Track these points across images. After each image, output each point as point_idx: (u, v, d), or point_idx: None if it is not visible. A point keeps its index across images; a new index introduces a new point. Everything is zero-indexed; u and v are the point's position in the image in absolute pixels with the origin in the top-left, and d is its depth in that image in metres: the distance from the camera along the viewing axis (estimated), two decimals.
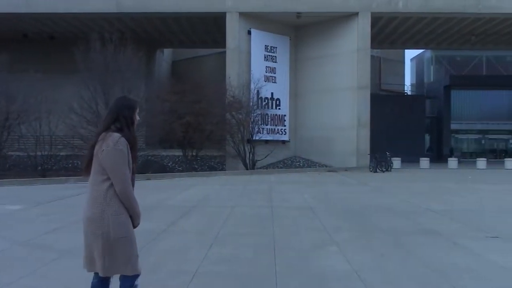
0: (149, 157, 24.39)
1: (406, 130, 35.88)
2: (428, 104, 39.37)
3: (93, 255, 3.39)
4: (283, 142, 28.16)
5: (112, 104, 3.57)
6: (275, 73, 27.77)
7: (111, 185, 3.34)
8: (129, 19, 28.28)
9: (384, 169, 25.17)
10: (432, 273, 5.60)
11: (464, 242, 7.27)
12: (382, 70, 42.16)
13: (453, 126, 38.10)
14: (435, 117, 39.30)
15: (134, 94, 21.39)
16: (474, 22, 29.13)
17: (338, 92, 27.02)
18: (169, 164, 25.51)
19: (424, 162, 28.79)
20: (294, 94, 28.96)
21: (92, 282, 3.56)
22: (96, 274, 3.51)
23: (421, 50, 44.24)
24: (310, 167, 26.65)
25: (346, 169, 25.47)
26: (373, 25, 27.31)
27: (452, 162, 29.01)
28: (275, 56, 27.84)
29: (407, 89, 47.82)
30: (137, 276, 3.46)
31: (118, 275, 3.48)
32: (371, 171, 24.69)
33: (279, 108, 27.81)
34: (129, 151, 3.43)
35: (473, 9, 26.37)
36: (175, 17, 28.26)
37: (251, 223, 9.06)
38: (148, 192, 14.28)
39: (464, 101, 38.72)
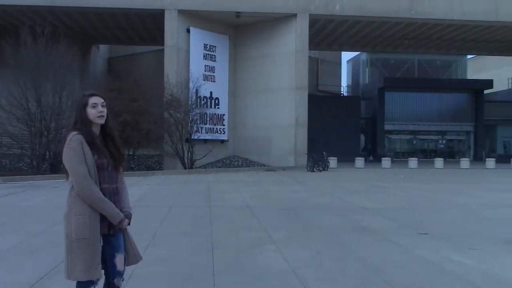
0: None
1: (342, 130, 36.76)
2: (363, 105, 40.49)
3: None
4: (222, 141, 28.12)
5: None
6: (214, 72, 27.68)
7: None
8: (62, 13, 27.30)
9: (321, 169, 25.65)
10: (366, 269, 5.75)
11: (396, 239, 7.51)
12: (319, 71, 42.97)
13: (387, 127, 39.37)
14: (370, 118, 40.47)
15: (68, 91, 20.68)
16: (407, 27, 30.27)
17: (276, 92, 27.31)
18: None
19: (359, 161, 29.59)
20: (233, 93, 28.99)
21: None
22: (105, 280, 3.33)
23: (357, 53, 45.44)
24: (249, 167, 26.76)
25: (284, 169, 25.76)
26: (311, 27, 27.79)
27: (385, 161, 29.98)
28: (214, 55, 27.75)
29: (344, 90, 49.04)
30: (92, 282, 3.18)
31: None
32: (308, 170, 25.09)
33: (218, 108, 27.75)
34: (91, 148, 3.20)
35: (406, 14, 27.39)
36: (111, 13, 27.56)
37: (188, 223, 8.96)
38: None
39: (397, 102, 40.07)
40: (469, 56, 46.65)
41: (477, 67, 50.58)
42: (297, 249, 6.80)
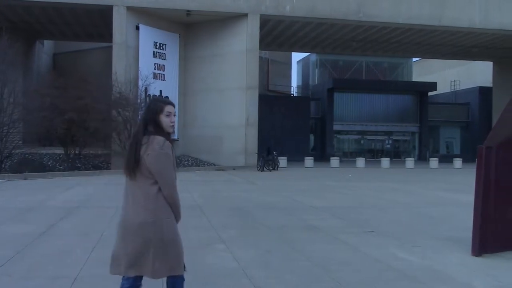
0: (27, 155, 22.86)
1: (292, 130, 37.14)
2: (313, 105, 41.02)
3: (138, 260, 3.31)
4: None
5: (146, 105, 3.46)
6: (164, 71, 27.34)
7: (159, 189, 3.30)
8: (4, 7, 26.24)
9: (271, 168, 25.82)
10: (314, 267, 5.82)
11: (344, 237, 7.65)
12: (270, 72, 43.25)
13: (336, 127, 40.04)
14: (319, 118, 41.05)
15: (10, 87, 19.91)
16: (355, 29, 30.91)
17: (227, 92, 27.28)
18: (49, 163, 24.04)
19: (309, 161, 29.98)
20: (183, 92, 28.72)
21: (123, 284, 3.45)
22: (127, 277, 3.42)
23: (307, 53, 46.01)
24: (199, 166, 26.60)
25: (234, 168, 25.77)
26: (262, 27, 27.92)
27: (334, 161, 30.50)
28: (164, 53, 27.42)
29: (293, 90, 49.53)
30: (183, 277, 3.48)
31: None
32: (259, 170, 25.20)
33: None
34: (174, 154, 3.38)
35: (354, 16, 27.96)
36: (57, 8, 26.73)
37: None
38: (26, 192, 13.36)
39: (345, 103, 40.83)
40: (414, 59, 48.12)
41: (422, 69, 52.29)
42: (247, 248, 6.80)
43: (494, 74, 41.73)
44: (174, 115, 3.46)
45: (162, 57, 27.29)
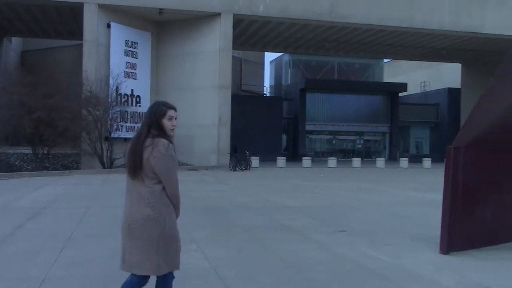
0: None
1: (265, 130, 37.19)
2: (285, 105, 41.13)
3: (142, 258, 3.48)
4: None
5: (147, 109, 3.70)
6: (135, 69, 27.04)
7: (163, 188, 3.48)
8: None
9: (243, 168, 25.82)
10: (286, 267, 5.84)
11: (316, 237, 7.70)
12: (243, 71, 43.22)
13: (308, 127, 40.23)
14: (292, 118, 41.20)
15: None
16: (328, 30, 31.14)
17: (200, 91, 27.14)
18: (16, 163, 23.53)
19: (281, 161, 30.07)
20: (156, 91, 28.43)
21: (131, 281, 3.65)
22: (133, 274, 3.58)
23: (280, 54, 46.14)
24: None
25: (206, 168, 25.68)
26: (235, 27, 27.88)
27: (306, 161, 30.66)
28: (136, 52, 27.12)
29: (266, 90, 49.62)
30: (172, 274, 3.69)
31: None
32: (231, 169, 25.17)
33: (140, 105, 27.13)
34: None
35: (327, 17, 28.16)
36: (25, 4, 26.18)
37: (107, 224, 8.67)
38: None
39: (318, 103, 41.06)
40: (385, 60, 48.76)
41: (393, 70, 53.01)
42: (219, 248, 6.78)
43: (463, 76, 42.62)
44: (176, 119, 3.63)
45: (134, 56, 26.99)
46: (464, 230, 6.72)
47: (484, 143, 6.94)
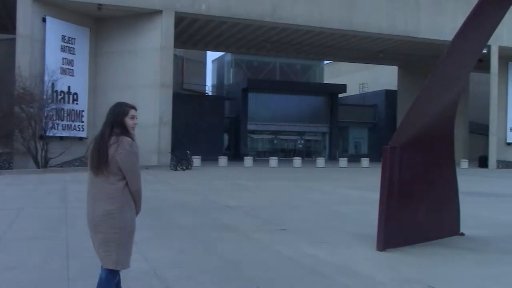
0: None
1: (207, 129, 37.03)
2: (227, 105, 41.14)
3: (104, 250, 3.62)
4: (81, 138, 26.68)
5: (109, 109, 3.81)
6: (73, 66, 26.18)
7: (126, 184, 3.65)
8: None
9: (185, 168, 25.59)
10: (227, 266, 5.82)
11: (257, 236, 7.73)
12: (184, 70, 42.84)
13: (250, 127, 40.40)
14: (234, 118, 41.24)
15: None
16: (269, 31, 31.40)
17: (140, 89, 26.61)
18: None
19: (223, 160, 30.03)
20: (94, 89, 27.67)
21: (100, 276, 3.76)
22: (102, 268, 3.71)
23: (222, 53, 46.07)
24: None
25: (147, 167, 25.21)
26: (177, 25, 27.57)
27: (248, 160, 30.76)
28: (74, 48, 26.26)
29: (208, 89, 49.41)
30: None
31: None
32: (172, 169, 24.88)
33: (77, 103, 26.32)
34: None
35: (269, 18, 28.38)
36: None
37: (41, 226, 8.35)
38: None
39: (259, 103, 41.31)
40: (325, 62, 49.73)
41: (333, 72, 54.15)
42: (159, 249, 6.68)
43: (399, 78, 44.18)
44: (136, 118, 3.80)
45: (71, 52, 26.12)
46: (399, 227, 6.94)
47: (419, 143, 7.20)
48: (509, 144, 36.26)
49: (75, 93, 26.25)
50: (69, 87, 25.75)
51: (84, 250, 6.49)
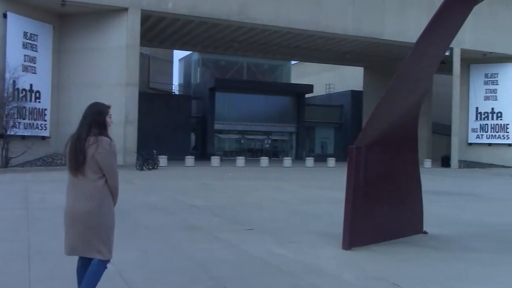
0: None
1: (173, 129, 36.73)
2: (194, 104, 40.90)
3: (85, 243, 3.84)
4: (43, 138, 26.10)
5: (85, 110, 3.98)
6: (35, 63, 25.55)
7: (105, 181, 3.86)
8: None
9: (151, 167, 25.33)
10: (194, 266, 5.79)
11: (224, 236, 7.71)
12: (151, 69, 42.39)
13: (217, 127, 40.28)
14: (201, 117, 41.04)
15: None
16: (237, 30, 31.37)
17: (105, 88, 26.15)
18: None
19: (189, 160, 29.85)
20: (57, 87, 27.07)
21: (79, 266, 4.04)
22: (81, 258, 4.00)
23: (189, 52, 45.77)
24: None
25: None
26: (143, 23, 27.25)
27: (215, 160, 30.66)
28: (36, 45, 25.63)
29: (175, 88, 49.02)
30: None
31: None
32: (138, 169, 24.58)
33: (39, 101, 25.70)
34: None
35: (236, 18, 28.35)
36: None
37: (1, 228, 8.12)
38: None
39: (227, 103, 41.23)
40: (293, 62, 49.99)
41: (300, 72, 54.48)
42: (124, 250, 6.56)
43: (365, 79, 44.82)
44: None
45: (33, 49, 25.49)
46: (365, 226, 7.04)
47: (384, 143, 7.31)
48: (470, 144, 37.27)
49: (38, 91, 25.63)
50: (31, 85, 25.13)
51: (47, 252, 6.35)
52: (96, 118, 3.91)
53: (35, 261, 5.86)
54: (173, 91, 47.83)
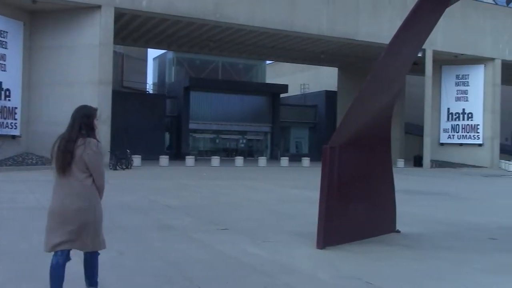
0: None
1: (147, 128, 36.39)
2: (168, 103, 40.58)
3: (74, 237, 4.14)
4: (13, 137, 25.56)
5: (74, 113, 4.20)
6: (5, 61, 24.97)
7: (93, 181, 4.16)
8: None
9: (124, 167, 25.07)
10: (167, 266, 5.75)
11: (198, 236, 7.68)
12: (124, 67, 41.92)
13: (192, 126, 40.06)
14: (175, 117, 40.77)
15: None
16: (212, 29, 31.26)
17: (77, 86, 25.76)
18: None
19: (164, 159, 29.64)
20: (28, 85, 26.53)
21: (58, 262, 4.25)
22: (61, 252, 4.21)
23: (163, 50, 45.42)
24: (45, 165, 24.81)
25: None
26: (116, 21, 26.92)
27: (189, 159, 30.51)
28: (6, 42, 25.07)
29: (149, 88, 48.59)
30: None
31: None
32: (111, 168, 24.31)
33: (9, 100, 25.16)
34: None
35: (211, 17, 28.22)
36: None
37: None
38: None
39: (202, 102, 41.04)
40: (268, 62, 50.07)
41: (275, 72, 54.60)
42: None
43: (339, 79, 45.17)
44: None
45: (3, 46, 24.92)
46: (339, 225, 7.09)
47: (357, 143, 7.38)
48: (442, 144, 37.91)
49: (8, 89, 25.08)
50: (1, 82, 24.58)
51: (16, 253, 6.23)
52: (84, 121, 4.13)
53: (4, 263, 5.75)
54: (147, 90, 47.39)
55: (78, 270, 4.72)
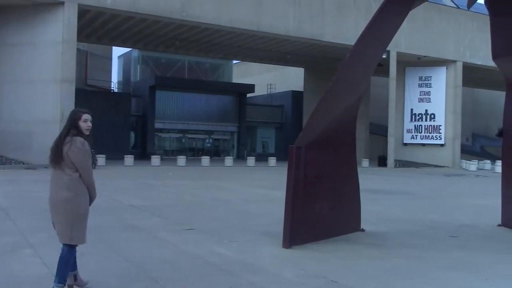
0: None
1: (112, 127, 35.84)
2: (134, 102, 40.07)
3: (60, 227, 4.45)
4: None
5: (68, 115, 4.61)
6: None
7: (80, 175, 4.46)
8: None
9: None
10: (132, 267, 5.68)
11: (164, 236, 7.60)
12: (88, 65, 41.17)
13: (157, 125, 39.70)
14: (141, 116, 40.30)
15: None
16: (178, 28, 31.02)
17: (39, 84, 25.16)
18: None
19: (129, 159, 29.26)
20: None
21: (62, 251, 4.52)
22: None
23: (129, 49, 44.83)
24: (4, 164, 24.17)
25: (47, 167, 23.94)
26: (80, 18, 26.41)
27: (155, 159, 30.21)
28: None
29: (114, 86, 47.90)
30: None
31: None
32: None
33: None
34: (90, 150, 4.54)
35: (178, 15, 27.99)
36: None
37: None
38: None
39: (168, 101, 40.70)
40: (234, 61, 50.04)
41: (242, 72, 54.64)
42: (58, 252, 6.34)
43: (305, 80, 45.53)
44: (90, 121, 4.61)
45: None
46: (305, 225, 7.14)
47: (323, 143, 7.44)
48: (405, 144, 38.65)
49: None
50: None
51: None
52: (72, 122, 4.51)
53: None
54: (112, 88, 46.69)
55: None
